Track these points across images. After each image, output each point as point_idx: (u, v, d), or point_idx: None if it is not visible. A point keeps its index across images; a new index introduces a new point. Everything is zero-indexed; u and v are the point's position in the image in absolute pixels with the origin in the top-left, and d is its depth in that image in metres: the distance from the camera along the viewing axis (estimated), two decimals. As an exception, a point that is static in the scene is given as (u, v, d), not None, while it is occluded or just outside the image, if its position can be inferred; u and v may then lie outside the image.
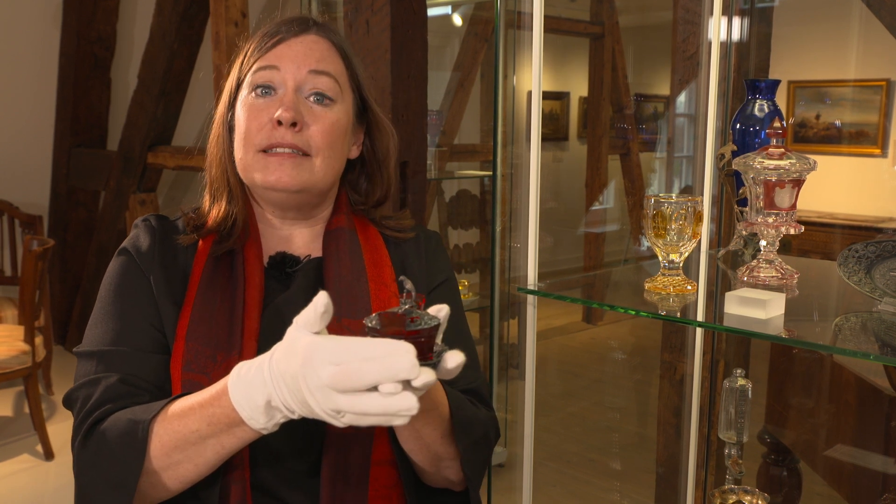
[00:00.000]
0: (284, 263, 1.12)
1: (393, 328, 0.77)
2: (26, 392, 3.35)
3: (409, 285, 0.80)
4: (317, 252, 1.15)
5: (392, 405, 0.74)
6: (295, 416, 0.83)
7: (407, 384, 0.75)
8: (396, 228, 1.21)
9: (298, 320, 0.81)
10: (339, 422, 0.78)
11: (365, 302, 1.08)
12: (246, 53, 1.11)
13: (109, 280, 1.09)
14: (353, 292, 1.08)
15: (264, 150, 1.06)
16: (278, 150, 1.06)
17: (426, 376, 0.75)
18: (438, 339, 0.82)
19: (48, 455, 3.36)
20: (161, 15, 4.04)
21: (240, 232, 1.11)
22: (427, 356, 0.78)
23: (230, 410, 0.86)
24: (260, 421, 0.85)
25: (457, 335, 1.12)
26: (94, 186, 4.66)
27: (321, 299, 0.79)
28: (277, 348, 0.83)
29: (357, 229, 1.16)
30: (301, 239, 1.16)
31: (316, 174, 1.08)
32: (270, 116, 1.06)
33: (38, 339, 3.42)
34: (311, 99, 1.08)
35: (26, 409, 3.71)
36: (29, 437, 3.53)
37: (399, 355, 0.74)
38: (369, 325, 0.79)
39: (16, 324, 3.70)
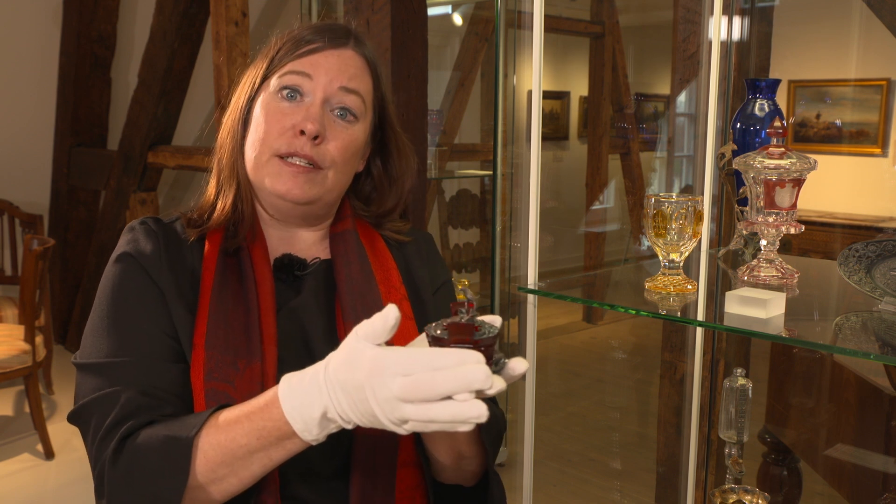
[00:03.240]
0: (292, 266, 1.11)
1: (459, 337, 0.77)
2: (27, 391, 3.35)
3: (469, 294, 0.79)
4: (322, 254, 1.14)
5: (462, 413, 0.74)
6: (350, 427, 0.82)
7: (480, 392, 0.74)
8: (395, 230, 1.20)
9: (359, 331, 0.79)
10: (402, 429, 0.78)
11: (378, 305, 1.07)
12: (278, 50, 1.09)
13: (111, 287, 1.03)
14: (366, 296, 1.08)
15: (280, 156, 1.05)
16: (295, 159, 1.05)
17: (498, 384, 0.75)
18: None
19: (48, 454, 3.37)
20: (161, 14, 4.05)
21: (246, 228, 1.09)
22: (488, 364, 0.78)
23: (282, 423, 0.85)
24: (313, 433, 0.84)
25: None
26: (94, 186, 4.66)
27: (392, 312, 0.78)
28: (333, 358, 0.81)
29: (360, 233, 1.15)
30: (304, 241, 1.15)
31: (326, 187, 1.08)
32: (294, 123, 1.04)
33: (39, 339, 3.42)
34: (336, 113, 1.07)
35: (27, 409, 3.72)
36: (29, 436, 3.53)
37: (472, 365, 0.73)
38: (435, 333, 0.78)
39: (16, 323, 3.70)
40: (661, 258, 1.39)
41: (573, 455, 3.50)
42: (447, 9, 4.65)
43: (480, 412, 0.73)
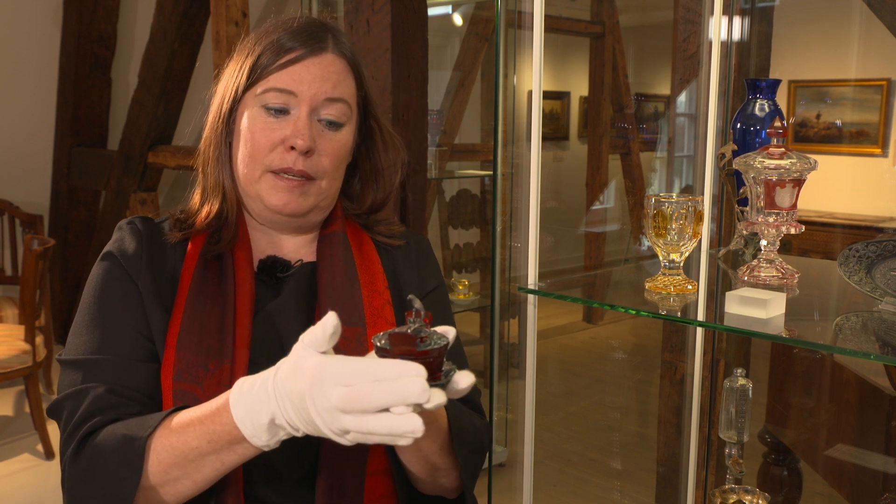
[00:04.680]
0: (275, 268, 1.10)
1: (402, 348, 0.76)
2: (27, 391, 3.35)
3: (417, 304, 0.79)
4: (307, 256, 1.14)
5: (398, 427, 0.73)
6: (299, 434, 0.81)
7: (417, 405, 0.73)
8: (387, 234, 1.19)
9: (305, 338, 0.79)
10: (345, 440, 0.77)
11: (359, 310, 1.06)
12: (258, 58, 1.06)
13: (94, 285, 1.05)
14: (347, 300, 1.07)
15: (273, 171, 1.05)
16: (288, 174, 1.05)
17: (437, 398, 0.74)
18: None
19: (48, 454, 3.37)
20: (162, 14, 4.05)
21: (231, 233, 1.09)
22: (436, 376, 0.77)
23: (232, 428, 0.85)
24: (262, 438, 0.83)
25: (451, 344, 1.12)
26: (94, 186, 4.66)
27: (330, 320, 0.77)
28: (282, 365, 0.81)
29: (349, 235, 1.14)
30: (292, 244, 1.14)
31: (320, 195, 1.08)
32: (283, 137, 1.04)
33: (39, 339, 3.42)
34: (323, 122, 1.06)
35: (27, 409, 3.71)
36: (29, 436, 3.53)
37: (410, 378, 0.72)
38: (378, 344, 0.78)
39: (16, 323, 3.70)
40: (661, 258, 1.39)
41: (573, 455, 3.50)
42: (447, 9, 4.65)
43: (415, 427, 0.73)
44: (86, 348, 1.00)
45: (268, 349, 1.04)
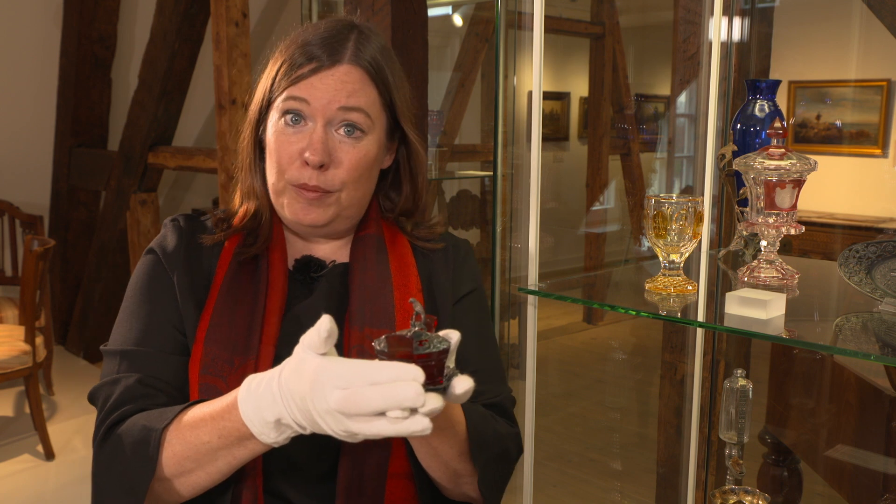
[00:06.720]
0: (309, 268, 1.12)
1: (401, 351, 0.76)
2: (27, 392, 3.35)
3: (417, 307, 0.79)
4: (342, 258, 1.14)
5: (403, 429, 0.73)
6: (306, 433, 0.82)
7: (414, 409, 0.73)
8: (426, 238, 1.18)
9: (304, 340, 0.80)
10: (354, 439, 0.77)
11: (389, 311, 1.07)
12: (279, 69, 1.07)
13: (136, 279, 1.09)
14: (377, 301, 1.07)
15: (294, 185, 1.06)
16: (306, 189, 1.06)
17: (432, 403, 0.73)
18: (451, 363, 0.80)
19: (48, 455, 3.37)
20: (162, 15, 4.05)
21: (266, 234, 1.11)
22: (437, 380, 0.76)
23: (240, 425, 0.86)
24: (270, 436, 0.84)
25: (483, 348, 1.13)
26: (94, 186, 4.66)
27: (324, 324, 0.78)
28: (286, 366, 0.82)
29: (385, 237, 1.15)
30: (327, 246, 1.15)
31: (342, 206, 1.08)
32: (300, 150, 1.04)
33: (39, 340, 3.42)
34: (342, 131, 1.06)
35: (27, 409, 3.72)
36: (29, 437, 3.53)
37: (405, 382, 0.72)
38: (377, 347, 0.77)
39: (16, 324, 3.70)
40: (661, 259, 1.39)
41: (573, 456, 3.50)
42: (447, 9, 4.65)
43: (423, 427, 0.73)
44: (124, 339, 1.04)
45: (293, 348, 1.05)
